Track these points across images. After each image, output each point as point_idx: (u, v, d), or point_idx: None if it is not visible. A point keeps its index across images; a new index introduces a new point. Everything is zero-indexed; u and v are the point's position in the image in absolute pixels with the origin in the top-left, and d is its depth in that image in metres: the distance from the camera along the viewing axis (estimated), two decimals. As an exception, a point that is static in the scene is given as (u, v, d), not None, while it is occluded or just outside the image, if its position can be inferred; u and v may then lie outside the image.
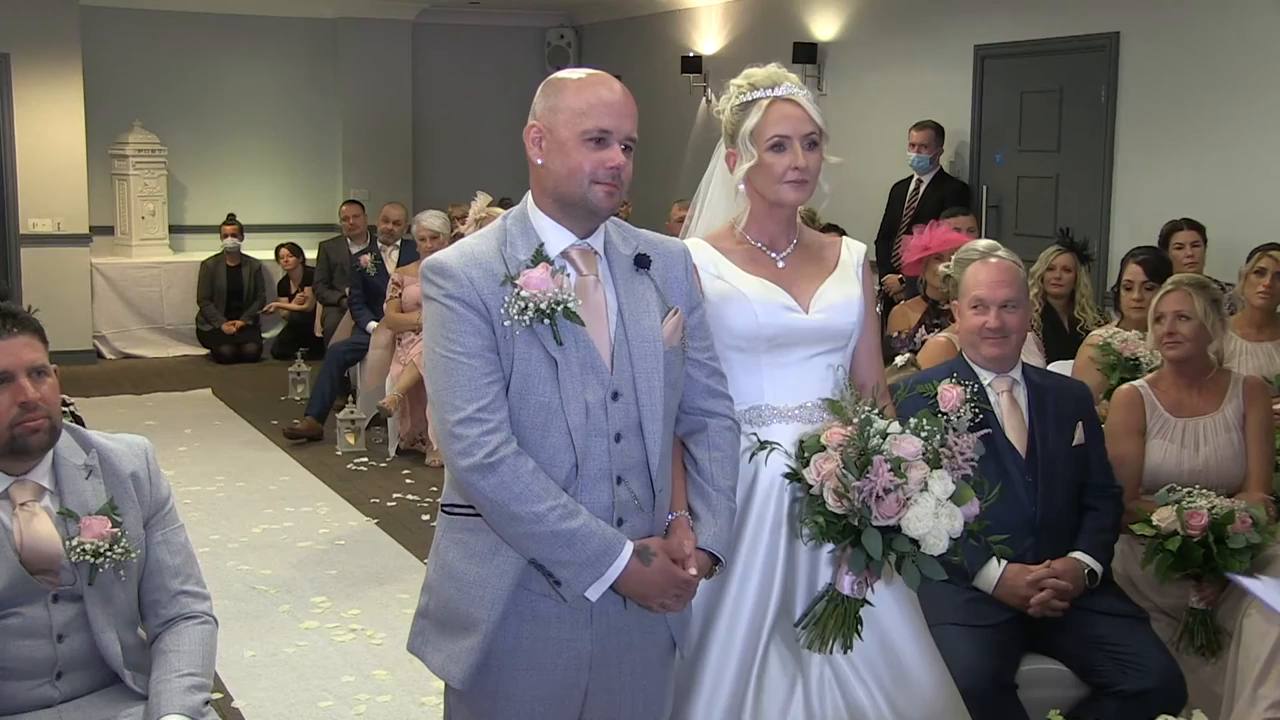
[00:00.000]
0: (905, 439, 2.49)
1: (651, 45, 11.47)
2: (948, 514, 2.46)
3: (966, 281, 3.43)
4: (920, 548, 2.47)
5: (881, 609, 2.69)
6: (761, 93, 2.71)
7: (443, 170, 12.31)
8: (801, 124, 2.68)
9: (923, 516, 2.44)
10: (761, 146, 2.68)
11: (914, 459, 2.47)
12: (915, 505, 2.44)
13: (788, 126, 2.67)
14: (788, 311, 2.72)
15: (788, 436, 2.67)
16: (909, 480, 2.44)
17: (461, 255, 2.33)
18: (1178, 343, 3.77)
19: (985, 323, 3.35)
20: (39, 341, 2.62)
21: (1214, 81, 6.65)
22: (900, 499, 2.44)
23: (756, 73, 2.75)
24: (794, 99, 2.70)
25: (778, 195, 2.71)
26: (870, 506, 2.44)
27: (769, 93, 2.70)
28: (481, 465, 2.24)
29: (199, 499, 6.58)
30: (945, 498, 2.46)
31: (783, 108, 2.69)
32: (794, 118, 2.68)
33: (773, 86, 2.72)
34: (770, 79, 2.73)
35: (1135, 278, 4.86)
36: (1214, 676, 3.47)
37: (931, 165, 8.00)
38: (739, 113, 2.73)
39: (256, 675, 4.48)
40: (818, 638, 2.59)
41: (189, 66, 11.57)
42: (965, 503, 2.49)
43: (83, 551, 2.57)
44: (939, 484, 2.46)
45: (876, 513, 2.44)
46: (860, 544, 2.48)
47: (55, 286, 10.10)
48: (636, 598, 2.36)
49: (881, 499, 2.43)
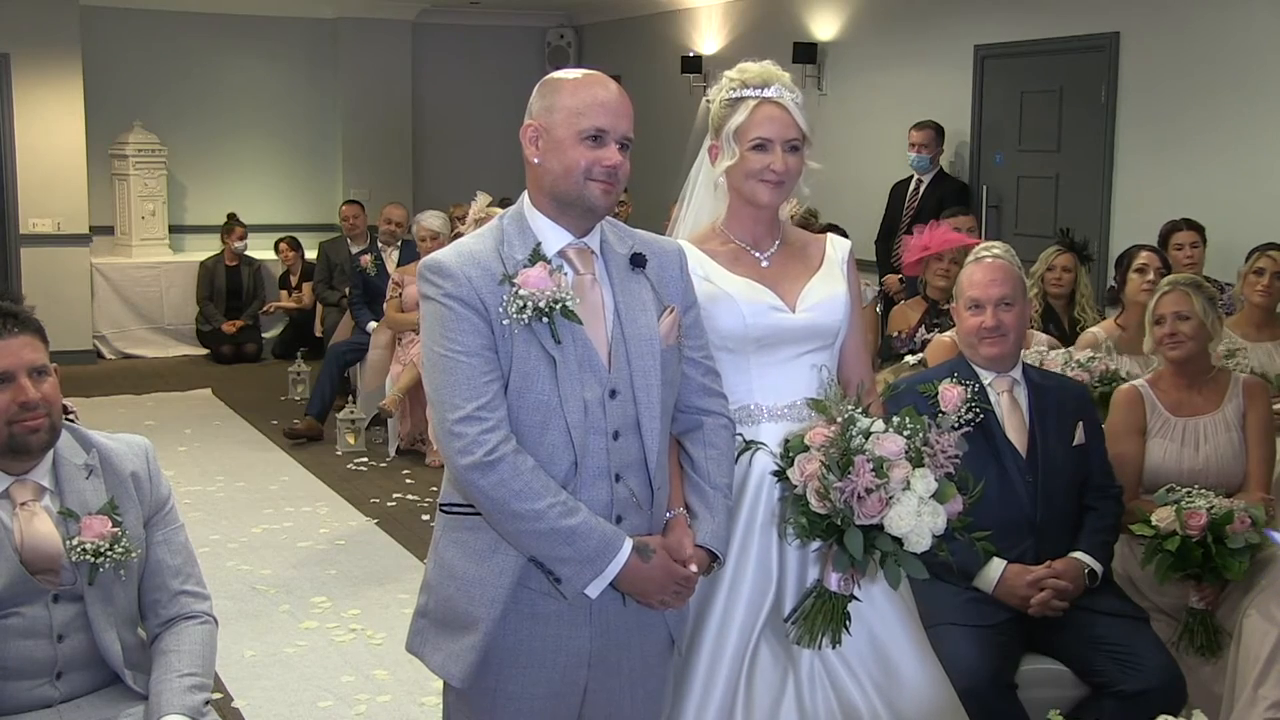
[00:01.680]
0: (887, 438, 2.50)
1: (651, 45, 11.48)
2: (930, 512, 2.47)
3: (962, 283, 3.45)
4: (903, 546, 2.47)
5: (872, 605, 2.70)
6: (751, 91, 2.72)
7: (443, 170, 12.31)
8: (786, 128, 2.70)
9: (905, 515, 2.45)
10: (744, 145, 2.71)
11: (896, 458, 2.47)
12: (897, 504, 2.45)
13: (771, 129, 2.69)
14: (774, 311, 2.73)
15: (777, 435, 2.68)
16: (891, 479, 2.45)
17: (459, 255, 2.34)
18: (1179, 343, 3.77)
19: (982, 322, 3.35)
20: (40, 341, 2.62)
21: (1214, 81, 6.65)
22: (882, 498, 2.45)
23: (750, 68, 2.76)
24: (780, 102, 2.71)
25: (753, 194, 2.73)
26: (852, 506, 2.45)
27: (758, 93, 2.72)
28: (481, 463, 2.25)
29: (199, 499, 6.58)
30: (928, 496, 2.47)
31: (769, 109, 2.71)
32: (779, 120, 2.70)
33: (763, 86, 2.73)
34: (762, 77, 2.74)
35: (1150, 263, 4.86)
36: (1214, 676, 3.47)
37: (931, 165, 8.01)
38: (727, 108, 2.75)
39: (256, 675, 4.48)
40: (806, 633, 2.60)
41: (189, 66, 11.57)
42: (948, 500, 2.49)
43: (83, 551, 2.58)
44: (921, 482, 2.47)
45: (859, 512, 2.45)
46: (843, 543, 2.48)
47: (55, 286, 10.10)
48: (636, 595, 2.37)
49: (864, 499, 2.44)
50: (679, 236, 2.87)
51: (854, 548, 2.46)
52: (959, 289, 3.46)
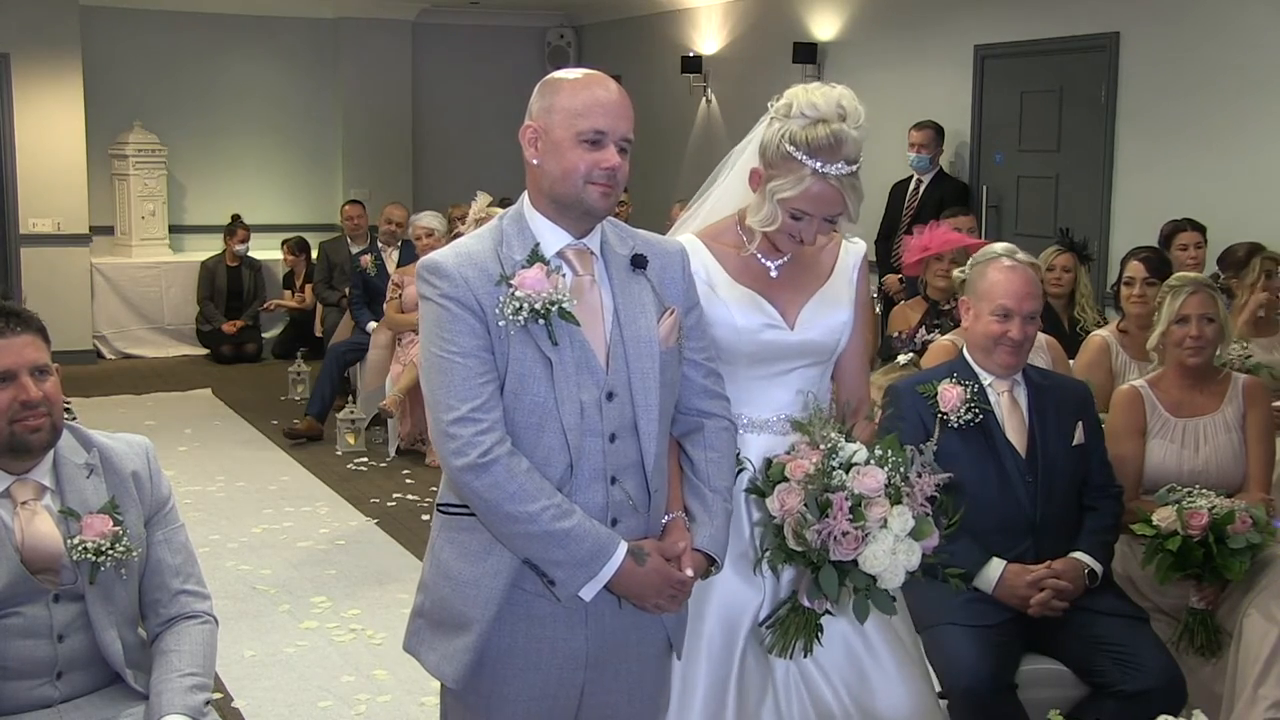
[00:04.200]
0: (868, 473, 2.50)
1: (651, 45, 11.48)
2: (905, 549, 2.48)
3: (989, 286, 3.36)
4: (877, 583, 2.49)
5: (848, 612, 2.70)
6: (814, 162, 2.53)
7: (443, 170, 12.31)
8: (831, 206, 2.58)
9: (880, 555, 2.47)
10: (785, 212, 2.59)
11: (875, 495, 2.48)
12: (874, 542, 2.47)
13: (817, 207, 2.58)
14: (770, 329, 2.69)
15: (759, 447, 2.68)
16: (868, 519, 2.47)
17: (457, 255, 2.33)
18: (1202, 347, 3.73)
19: (1007, 331, 3.31)
20: (41, 341, 2.62)
21: (1214, 81, 6.65)
22: (859, 536, 2.46)
23: (826, 113, 2.54)
24: (837, 183, 2.55)
25: (776, 242, 2.68)
26: (828, 546, 2.47)
27: (819, 165, 2.53)
28: (475, 465, 2.24)
29: (199, 499, 6.58)
30: (904, 534, 2.49)
31: (821, 188, 2.55)
32: (827, 200, 2.56)
33: (831, 148, 2.53)
34: (832, 137, 2.53)
35: (1137, 274, 4.84)
36: (1214, 676, 3.47)
37: (931, 165, 8.01)
38: (784, 162, 2.57)
39: (256, 675, 4.48)
40: (779, 642, 2.61)
41: (189, 66, 11.57)
42: (924, 538, 2.51)
43: (84, 550, 2.58)
44: (898, 520, 2.48)
45: (834, 550, 2.47)
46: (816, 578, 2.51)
47: (55, 286, 10.12)
48: (631, 598, 2.36)
49: (839, 541, 2.46)
50: (695, 222, 2.83)
51: (828, 586, 2.49)
52: (982, 288, 3.38)
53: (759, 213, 2.63)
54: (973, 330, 3.42)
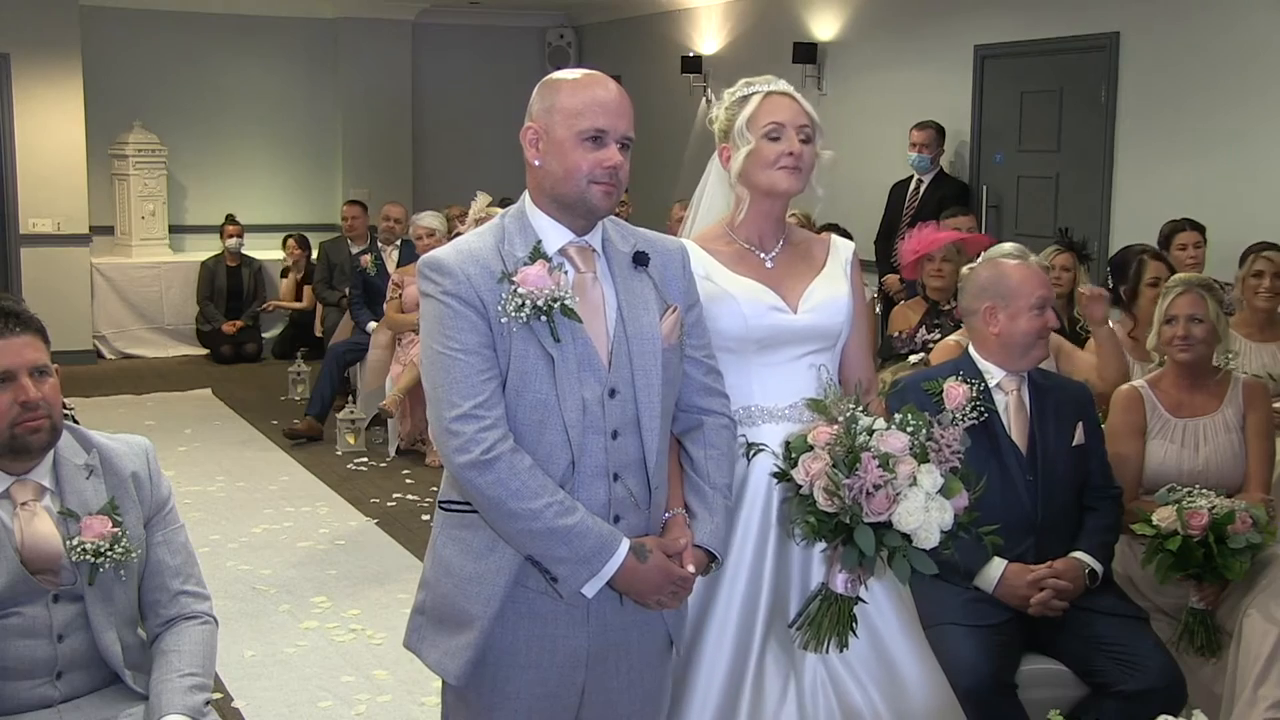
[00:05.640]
0: (892, 434, 2.50)
1: (651, 45, 11.48)
2: (938, 507, 2.47)
3: (1017, 284, 3.34)
4: (912, 542, 2.47)
5: (874, 609, 2.70)
6: (757, 87, 2.81)
7: (443, 170, 12.31)
8: (796, 115, 2.77)
9: (913, 511, 2.45)
10: (758, 133, 2.74)
11: (901, 454, 2.47)
12: (905, 500, 2.45)
13: (783, 114, 2.75)
14: (776, 312, 2.74)
15: (778, 436, 2.68)
16: (898, 475, 2.45)
17: (459, 252, 2.33)
18: (1190, 345, 3.75)
19: (1049, 323, 3.36)
20: (41, 341, 2.62)
21: (1214, 81, 6.65)
22: (890, 494, 2.44)
23: (753, 79, 2.86)
24: (789, 93, 2.80)
25: (771, 182, 2.74)
26: (861, 504, 2.45)
27: (764, 87, 2.80)
28: (478, 462, 2.24)
29: (199, 499, 6.58)
30: (934, 491, 2.47)
31: (778, 99, 2.78)
32: (789, 107, 2.77)
33: (768, 84, 2.82)
34: (765, 79, 2.83)
35: (1161, 274, 4.81)
36: (1214, 676, 3.47)
37: (932, 165, 8.01)
38: (735, 107, 2.81)
39: (256, 675, 4.48)
40: (813, 638, 2.59)
41: (189, 66, 11.57)
42: (954, 495, 2.50)
43: (83, 551, 2.58)
44: (927, 478, 2.47)
45: (867, 509, 2.45)
46: (852, 541, 2.48)
47: (55, 286, 10.12)
48: (633, 595, 2.37)
49: (871, 495, 2.44)
50: (688, 235, 2.88)
51: (865, 545, 2.45)
52: (1007, 290, 3.34)
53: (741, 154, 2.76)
54: (1008, 332, 3.35)
